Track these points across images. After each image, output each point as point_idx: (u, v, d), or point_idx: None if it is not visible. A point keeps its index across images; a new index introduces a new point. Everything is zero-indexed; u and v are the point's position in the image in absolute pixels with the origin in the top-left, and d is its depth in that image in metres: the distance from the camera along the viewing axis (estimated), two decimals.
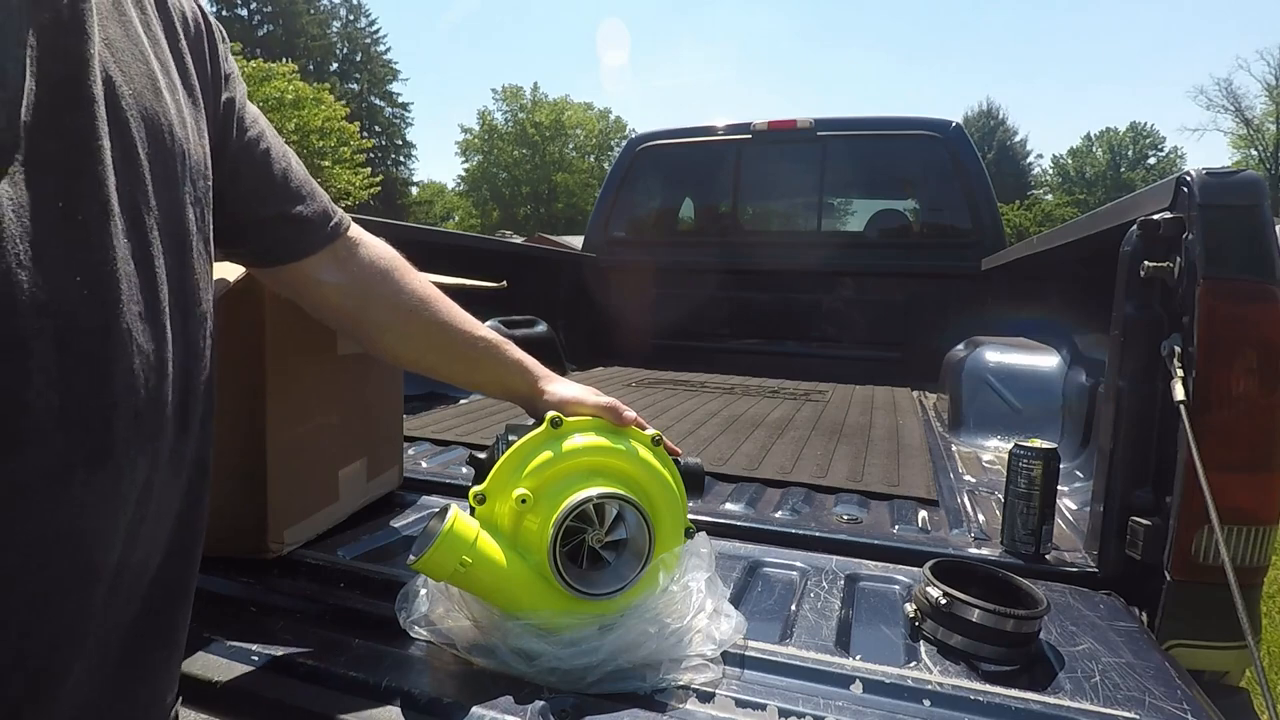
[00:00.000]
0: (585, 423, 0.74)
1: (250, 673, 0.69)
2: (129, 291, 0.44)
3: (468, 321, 0.83)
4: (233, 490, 0.89)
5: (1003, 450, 1.38)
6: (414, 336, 0.81)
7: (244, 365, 0.87)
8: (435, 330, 0.81)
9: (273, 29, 36.06)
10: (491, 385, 0.86)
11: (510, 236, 15.00)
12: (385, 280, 0.78)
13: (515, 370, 0.84)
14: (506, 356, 0.84)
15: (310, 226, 0.72)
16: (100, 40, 0.43)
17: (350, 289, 0.76)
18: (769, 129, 3.06)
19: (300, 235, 0.72)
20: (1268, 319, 0.83)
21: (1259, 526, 0.83)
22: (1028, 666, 0.71)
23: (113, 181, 0.43)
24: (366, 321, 0.79)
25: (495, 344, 0.84)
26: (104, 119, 0.42)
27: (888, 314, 2.96)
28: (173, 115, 0.49)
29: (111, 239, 0.42)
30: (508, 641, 0.67)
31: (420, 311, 0.80)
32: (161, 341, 0.47)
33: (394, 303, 0.79)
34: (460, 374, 0.85)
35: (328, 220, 0.74)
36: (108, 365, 0.42)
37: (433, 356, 0.83)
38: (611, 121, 40.36)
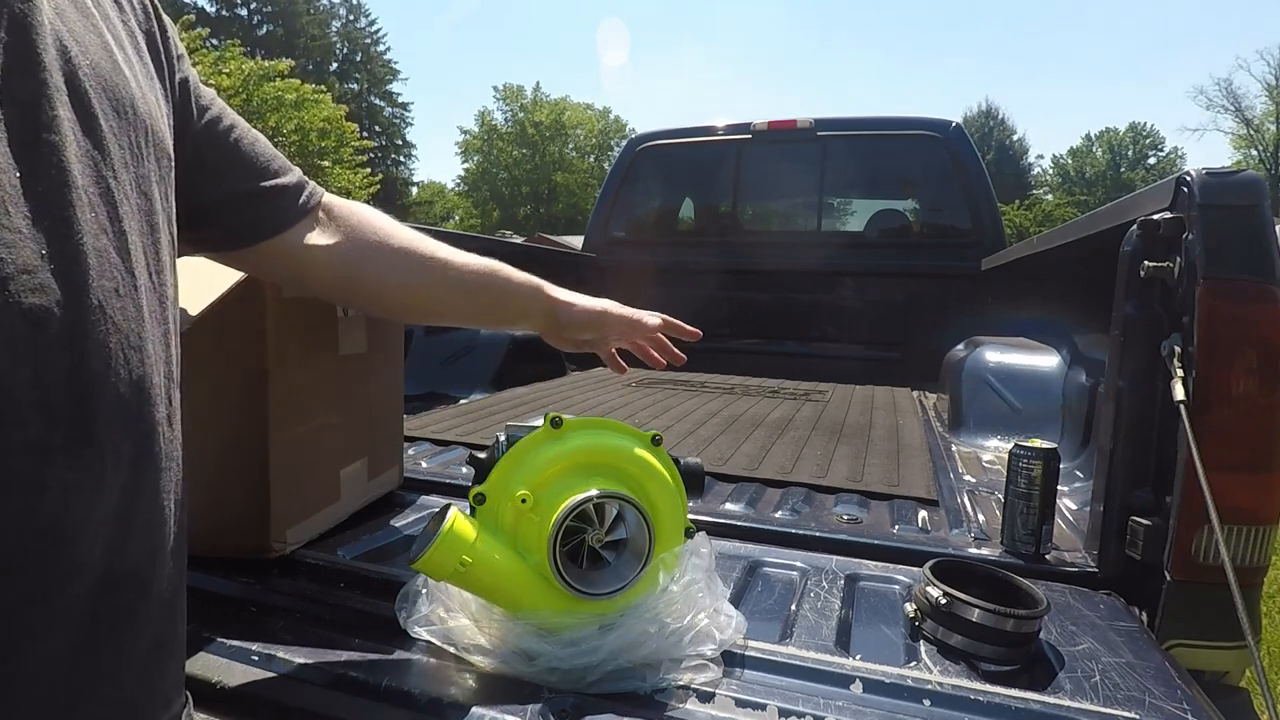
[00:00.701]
0: (585, 422, 0.74)
1: (250, 673, 0.69)
2: (99, 266, 0.42)
3: (467, 254, 0.80)
4: (235, 490, 0.90)
5: (1003, 450, 1.38)
6: (416, 278, 0.77)
7: (245, 365, 0.87)
8: (436, 267, 0.77)
9: (273, 29, 36.06)
10: (509, 313, 0.82)
11: (510, 236, 14.99)
12: (370, 232, 0.75)
13: (528, 291, 0.80)
14: (519, 281, 0.81)
15: (285, 199, 0.69)
16: (50, 8, 0.41)
17: (336, 251, 0.72)
18: (769, 129, 3.06)
19: (275, 209, 0.69)
20: (1268, 319, 0.83)
21: (1259, 526, 0.83)
22: (1028, 666, 0.71)
23: (73, 151, 0.40)
24: (361, 278, 0.75)
25: (503, 270, 0.81)
26: (59, 87, 0.40)
27: (888, 314, 2.96)
28: (134, 89, 0.47)
29: (74, 211, 0.40)
30: (508, 641, 0.67)
31: (414, 253, 0.76)
32: (139, 321, 0.45)
33: (384, 250, 0.75)
34: (472, 307, 0.82)
35: (301, 190, 0.71)
36: (83, 343, 0.40)
37: (441, 295, 0.79)
38: (611, 121, 40.37)
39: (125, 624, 0.46)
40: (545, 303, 0.80)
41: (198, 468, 0.90)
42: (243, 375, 0.87)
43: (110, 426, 0.43)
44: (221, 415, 0.89)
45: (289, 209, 0.69)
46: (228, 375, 0.88)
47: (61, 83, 0.40)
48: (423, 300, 0.80)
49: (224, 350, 0.86)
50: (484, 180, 39.94)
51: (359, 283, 0.76)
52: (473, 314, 0.83)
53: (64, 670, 0.41)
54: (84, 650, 0.43)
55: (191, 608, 0.80)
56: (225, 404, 0.89)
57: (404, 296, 0.78)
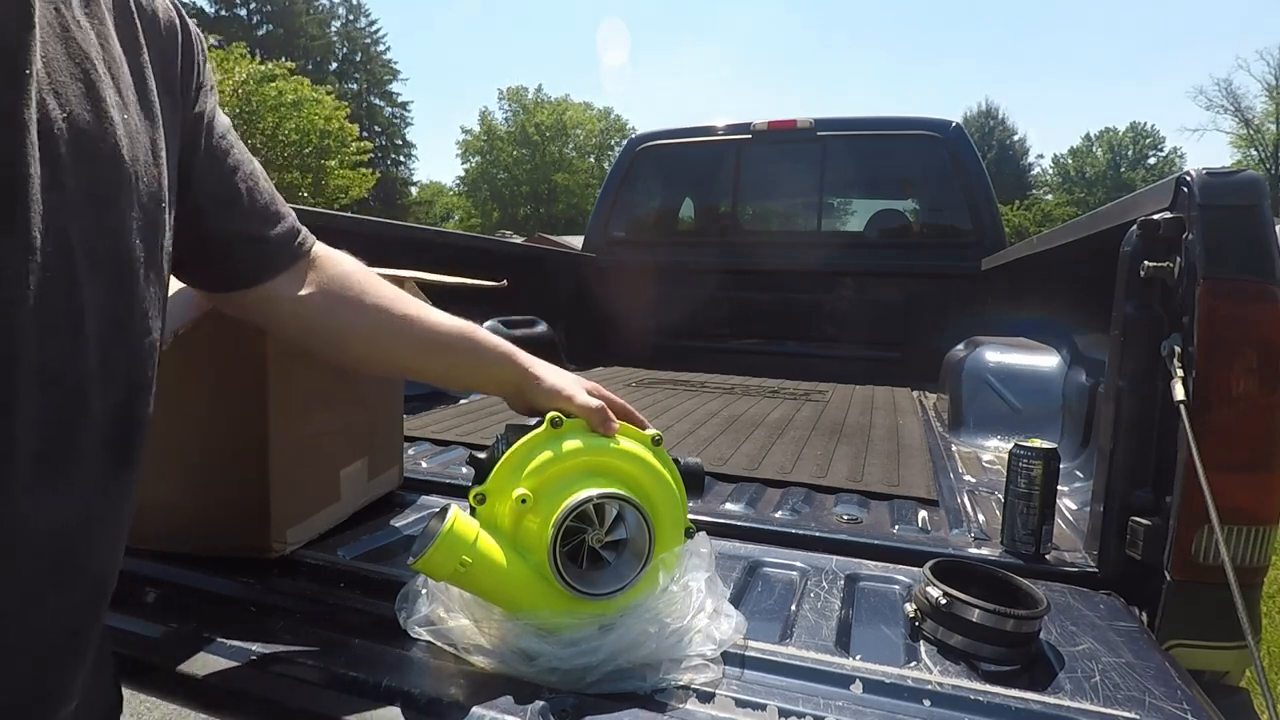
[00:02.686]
0: (585, 422, 0.74)
1: (250, 673, 0.69)
2: (33, 321, 0.40)
3: (442, 315, 0.79)
4: (235, 490, 0.90)
5: (1003, 450, 1.38)
6: (385, 335, 0.76)
7: (246, 365, 0.87)
8: (408, 326, 0.76)
9: (272, 29, 36.06)
10: (476, 378, 0.81)
11: (510, 236, 14.99)
12: (347, 284, 0.74)
13: (496, 358, 0.79)
14: (488, 346, 0.80)
15: (276, 248, 0.69)
16: (40, 61, 0.41)
17: (311, 302, 0.72)
18: (769, 129, 3.06)
19: (266, 257, 0.68)
20: (1268, 319, 0.83)
21: (1259, 526, 0.83)
22: (1028, 666, 0.71)
23: (39, 211, 0.40)
24: (331, 329, 0.74)
25: (474, 334, 0.80)
26: (34, 144, 0.40)
27: (888, 314, 2.96)
28: (119, 136, 0.46)
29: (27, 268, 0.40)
30: (508, 641, 0.67)
31: (391, 314, 0.75)
32: (83, 376, 0.44)
33: (359, 304, 0.74)
34: (440, 369, 0.81)
35: (293, 239, 0.71)
36: (9, 398, 0.40)
37: (407, 355, 0.79)
38: (611, 121, 40.38)
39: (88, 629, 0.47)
40: (515, 372, 0.79)
41: (198, 468, 0.91)
42: (243, 375, 0.87)
43: (30, 485, 0.42)
44: (221, 415, 0.89)
45: (276, 259, 0.69)
46: (228, 375, 0.88)
47: (36, 139, 0.40)
48: (386, 358, 0.80)
49: (224, 351, 0.86)
50: (484, 180, 39.95)
51: (332, 339, 0.76)
52: (438, 375, 0.83)
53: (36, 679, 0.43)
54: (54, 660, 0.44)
55: (191, 608, 0.81)
56: (225, 404, 0.89)
57: (368, 352, 0.78)
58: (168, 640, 0.74)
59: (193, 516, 0.91)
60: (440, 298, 1.24)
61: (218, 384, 0.88)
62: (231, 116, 5.56)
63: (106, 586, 0.51)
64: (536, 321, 2.70)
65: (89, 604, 0.49)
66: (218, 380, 0.88)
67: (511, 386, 0.80)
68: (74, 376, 0.44)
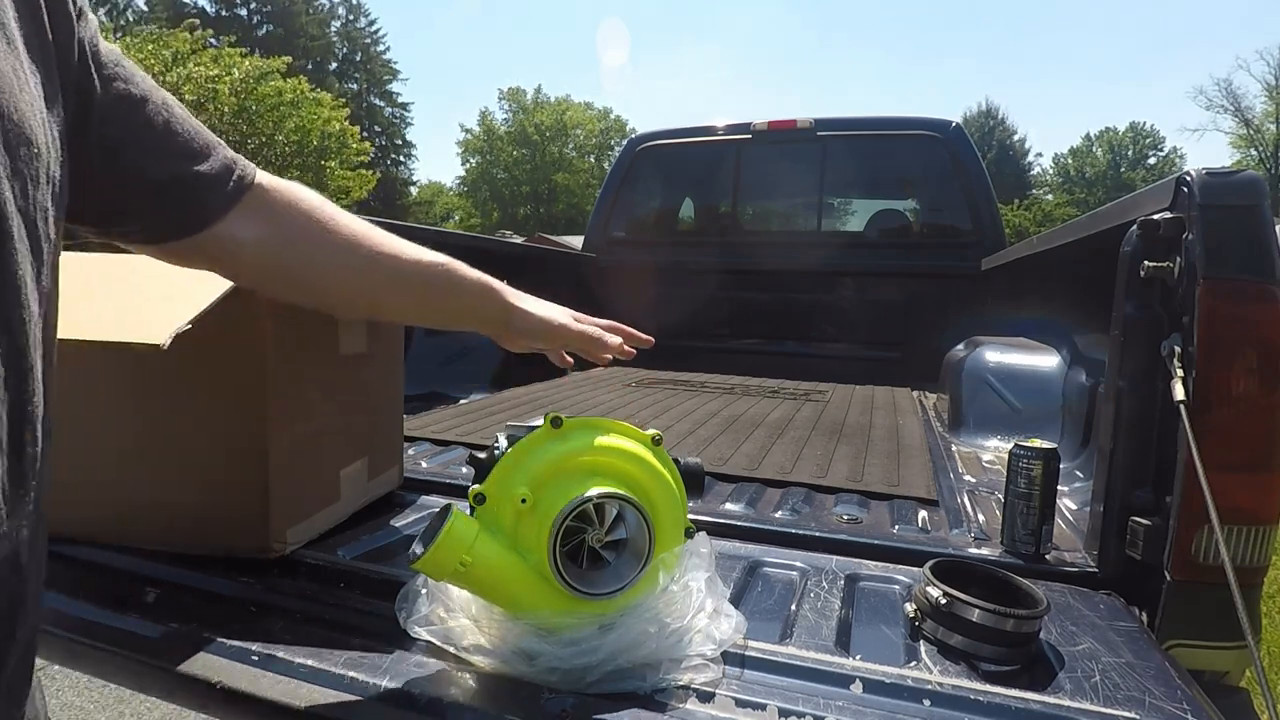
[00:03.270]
0: (585, 422, 0.74)
1: (250, 673, 0.69)
2: None
3: (416, 248, 0.73)
4: (235, 490, 0.90)
5: (1003, 450, 1.38)
6: (360, 276, 0.70)
7: (246, 365, 0.87)
8: (383, 261, 0.70)
9: (272, 29, 36.07)
10: (455, 313, 0.77)
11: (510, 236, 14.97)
12: (310, 223, 0.67)
13: (480, 290, 0.75)
14: (468, 278, 0.75)
15: (213, 185, 0.60)
16: None
17: (273, 240, 0.65)
18: (769, 129, 3.06)
19: (203, 198, 0.60)
20: (1268, 319, 0.83)
21: (1259, 526, 0.83)
22: (1028, 666, 0.71)
23: None
24: (300, 273, 0.68)
25: (452, 266, 0.75)
26: None
27: (888, 314, 2.96)
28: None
29: None
30: (508, 641, 0.67)
31: (360, 246, 0.69)
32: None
33: (326, 244, 0.67)
34: (416, 305, 0.76)
35: (230, 173, 0.62)
36: None
37: (387, 291, 0.73)
38: (612, 121, 40.39)
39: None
40: (498, 305, 0.76)
41: (198, 468, 0.91)
42: (243, 375, 0.87)
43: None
44: (221, 415, 0.89)
45: (216, 199, 0.61)
46: (228, 375, 0.88)
47: None
48: (366, 296, 0.74)
49: (224, 350, 0.86)
50: (484, 180, 39.96)
51: (296, 276, 0.69)
52: (420, 312, 0.78)
53: None
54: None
55: (191, 608, 0.81)
56: (225, 404, 0.89)
57: (346, 292, 0.72)
58: (168, 640, 0.74)
59: (193, 516, 0.91)
60: None
61: (218, 384, 0.88)
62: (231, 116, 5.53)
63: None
64: None
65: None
66: (218, 380, 0.88)
67: (495, 321, 0.76)
68: None
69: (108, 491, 0.94)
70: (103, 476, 0.93)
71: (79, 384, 0.94)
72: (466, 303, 0.76)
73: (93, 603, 0.81)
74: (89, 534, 0.94)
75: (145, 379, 0.90)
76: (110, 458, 0.93)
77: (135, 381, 0.91)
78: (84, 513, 0.95)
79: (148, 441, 0.92)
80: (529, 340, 0.78)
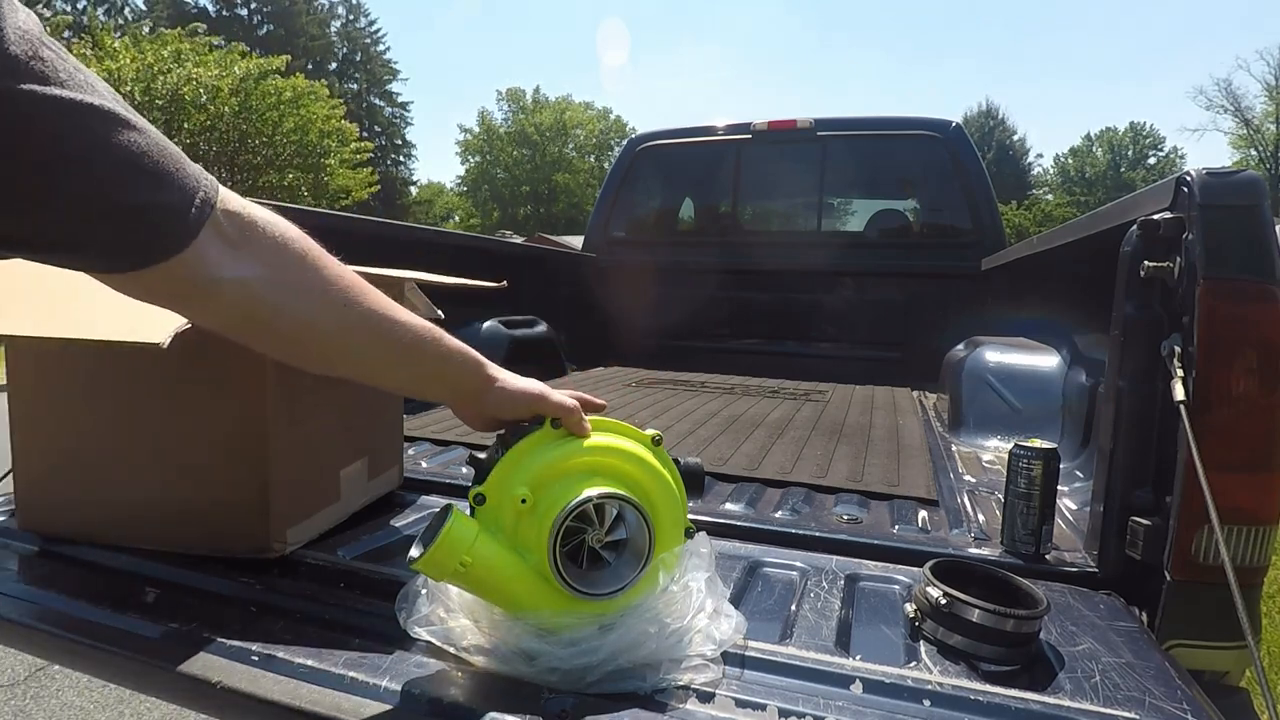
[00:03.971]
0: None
1: (250, 673, 0.69)
2: None
3: (403, 309, 0.66)
4: (236, 490, 0.90)
5: (1003, 450, 1.38)
6: (348, 335, 0.63)
7: (245, 365, 0.87)
8: (373, 323, 0.63)
9: (272, 29, 36.06)
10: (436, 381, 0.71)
11: (510, 236, 14.98)
12: (303, 268, 0.59)
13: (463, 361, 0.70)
14: (453, 346, 0.70)
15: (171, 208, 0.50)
16: None
17: (256, 285, 0.56)
18: (769, 129, 3.06)
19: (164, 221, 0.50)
20: (1268, 319, 0.83)
21: (1259, 526, 0.83)
22: (1028, 666, 0.71)
23: None
24: (282, 325, 0.59)
25: (440, 335, 0.69)
26: None
27: (888, 314, 2.96)
28: None
29: None
30: (508, 641, 0.67)
31: (352, 302, 0.61)
32: None
33: (318, 295, 0.59)
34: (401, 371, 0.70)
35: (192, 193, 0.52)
36: None
37: (371, 355, 0.66)
38: (612, 121, 40.39)
39: None
40: (481, 379, 0.72)
41: (198, 468, 0.91)
42: (243, 375, 0.87)
43: None
44: (221, 415, 0.89)
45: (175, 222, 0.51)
46: (227, 375, 0.88)
47: None
48: (351, 356, 0.65)
49: (224, 350, 0.85)
50: (484, 180, 39.95)
51: (274, 331, 0.60)
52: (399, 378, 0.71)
53: None
54: None
55: (191, 608, 0.81)
56: (225, 404, 0.89)
57: (331, 349, 0.64)
58: (168, 640, 0.74)
59: (193, 516, 0.91)
60: (440, 298, 1.24)
61: (218, 384, 0.88)
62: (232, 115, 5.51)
63: None
64: (536, 321, 2.70)
65: None
66: (218, 380, 0.88)
67: (471, 395, 0.72)
68: None
69: (108, 491, 0.94)
70: (103, 476, 0.93)
71: (78, 383, 0.94)
72: (449, 373, 0.71)
73: (93, 603, 0.81)
74: (89, 534, 0.94)
75: (145, 378, 0.90)
76: (110, 457, 0.93)
77: (135, 381, 0.91)
78: (84, 513, 0.95)
79: (148, 441, 0.92)
80: (500, 415, 0.74)
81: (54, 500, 0.97)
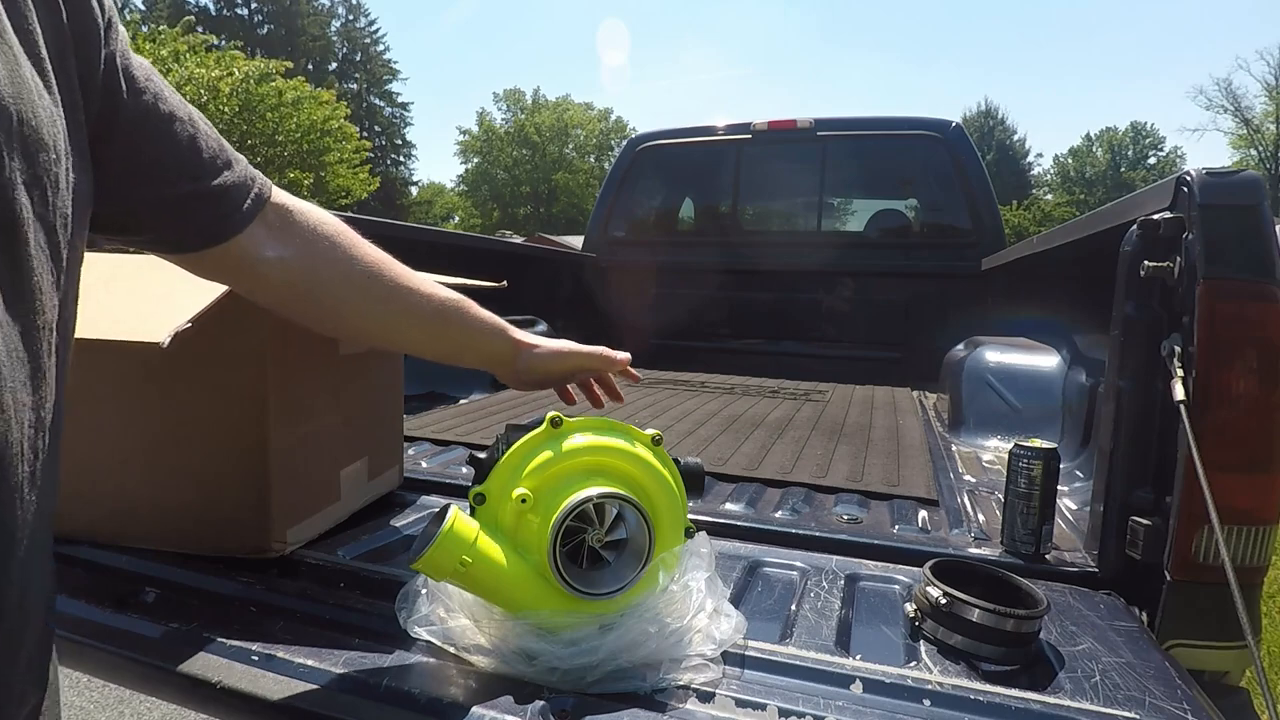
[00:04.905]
0: (585, 422, 0.74)
1: (250, 673, 0.69)
2: None
3: (430, 284, 0.75)
4: (235, 490, 0.90)
5: (1003, 450, 1.38)
6: (378, 305, 0.72)
7: (246, 365, 0.87)
8: (400, 296, 0.72)
9: (273, 29, 36.08)
10: (466, 350, 0.79)
11: (510, 236, 14.98)
12: (334, 247, 0.68)
13: (490, 331, 0.78)
14: (480, 317, 0.78)
15: (231, 199, 0.61)
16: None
17: (295, 262, 0.66)
18: (769, 129, 3.06)
19: (223, 212, 0.61)
20: (1268, 319, 0.83)
21: (1259, 526, 0.83)
22: (1028, 666, 0.71)
23: None
24: (320, 296, 0.69)
25: (464, 304, 0.77)
26: None
27: (888, 314, 2.96)
28: (19, 95, 0.39)
29: None
30: (508, 641, 0.67)
31: (379, 277, 0.71)
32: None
33: (348, 270, 0.69)
34: (433, 342, 0.78)
35: (248, 188, 0.63)
36: None
37: (401, 325, 0.75)
38: (612, 122, 40.39)
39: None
40: (508, 343, 0.79)
41: (198, 468, 0.91)
42: (243, 375, 0.87)
43: None
44: (221, 415, 0.89)
45: (235, 212, 0.62)
46: (228, 375, 0.88)
47: None
48: (381, 325, 0.75)
49: (224, 350, 0.86)
50: (484, 180, 39.95)
51: (313, 302, 0.70)
52: (431, 346, 0.79)
53: None
54: None
55: (191, 608, 0.81)
56: (225, 404, 0.89)
57: (363, 320, 0.73)
58: (168, 640, 0.74)
59: (193, 516, 0.91)
60: None
61: (218, 384, 0.88)
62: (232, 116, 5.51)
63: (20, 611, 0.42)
64: (536, 321, 2.70)
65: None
66: (218, 380, 0.88)
67: (503, 358, 0.79)
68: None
69: (108, 491, 0.94)
70: (103, 476, 0.93)
71: (78, 383, 0.94)
72: (477, 340, 0.79)
73: (93, 603, 0.81)
74: (89, 534, 0.94)
75: (145, 378, 0.90)
76: (110, 457, 0.93)
77: (135, 380, 0.91)
78: (84, 513, 0.95)
79: (147, 441, 0.92)
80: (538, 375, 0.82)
81: None
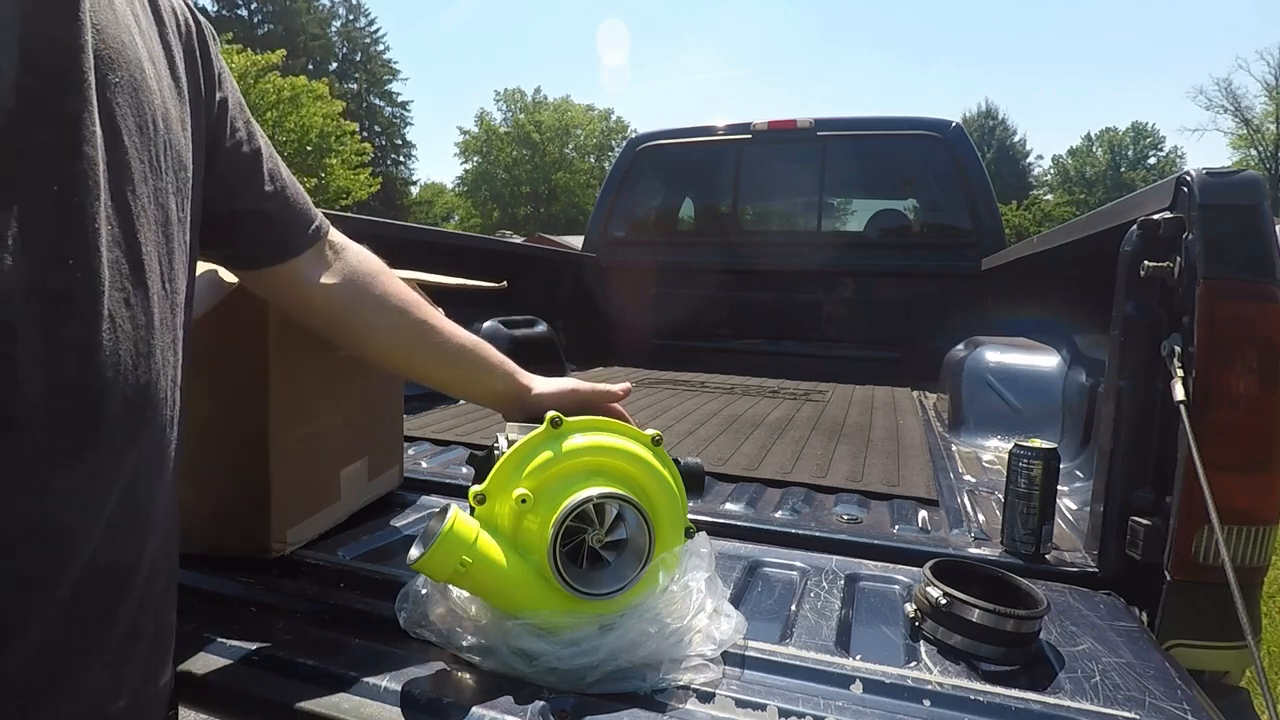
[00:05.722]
0: (585, 423, 0.74)
1: (250, 673, 0.69)
2: (113, 278, 0.44)
3: (451, 325, 0.85)
4: (236, 490, 0.90)
5: (1003, 450, 1.38)
6: (403, 338, 0.82)
7: (246, 365, 0.87)
8: (423, 332, 0.82)
9: (273, 29, 36.07)
10: (475, 388, 0.88)
11: (510, 236, 14.99)
12: (372, 282, 0.80)
13: (501, 374, 0.87)
14: (492, 358, 0.87)
15: (295, 228, 0.73)
16: (91, 27, 0.43)
17: (338, 290, 0.77)
18: (769, 129, 3.06)
19: (288, 236, 0.72)
20: (1268, 319, 0.83)
21: (1259, 526, 0.83)
22: (1028, 666, 0.71)
23: (102, 165, 0.43)
24: (354, 323, 0.80)
25: (479, 347, 0.86)
26: (94, 102, 0.42)
27: (888, 314, 2.96)
28: (158, 104, 0.49)
29: (98, 223, 0.42)
30: (508, 641, 0.67)
31: (407, 313, 0.81)
32: (149, 329, 0.47)
33: (381, 304, 0.80)
34: (447, 376, 0.87)
35: (310, 222, 0.75)
36: (95, 351, 0.42)
37: (421, 358, 0.84)
38: (613, 122, 40.37)
39: (100, 621, 0.46)
40: (517, 387, 0.87)
41: (198, 468, 0.90)
42: (243, 375, 0.87)
43: (116, 432, 0.44)
44: (222, 415, 0.89)
45: (297, 239, 0.73)
46: (228, 374, 0.88)
47: (95, 100, 0.43)
48: (402, 359, 0.85)
49: (225, 349, 0.86)
50: (484, 180, 39.93)
51: (347, 327, 0.80)
52: (444, 379, 0.88)
53: (36, 666, 0.42)
54: (56, 649, 0.43)
55: (191, 608, 0.81)
56: (225, 404, 0.89)
57: (386, 352, 0.84)
58: None
59: (193, 516, 0.91)
60: (440, 298, 1.24)
61: (218, 383, 0.88)
62: None
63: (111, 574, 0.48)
64: (536, 321, 2.70)
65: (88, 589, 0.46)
66: (218, 380, 0.88)
67: (511, 400, 0.87)
68: (144, 329, 0.46)
69: None
70: None
71: None
72: (487, 380, 0.87)
73: None
74: None
75: None
76: None
77: None
78: None
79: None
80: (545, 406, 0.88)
81: None
